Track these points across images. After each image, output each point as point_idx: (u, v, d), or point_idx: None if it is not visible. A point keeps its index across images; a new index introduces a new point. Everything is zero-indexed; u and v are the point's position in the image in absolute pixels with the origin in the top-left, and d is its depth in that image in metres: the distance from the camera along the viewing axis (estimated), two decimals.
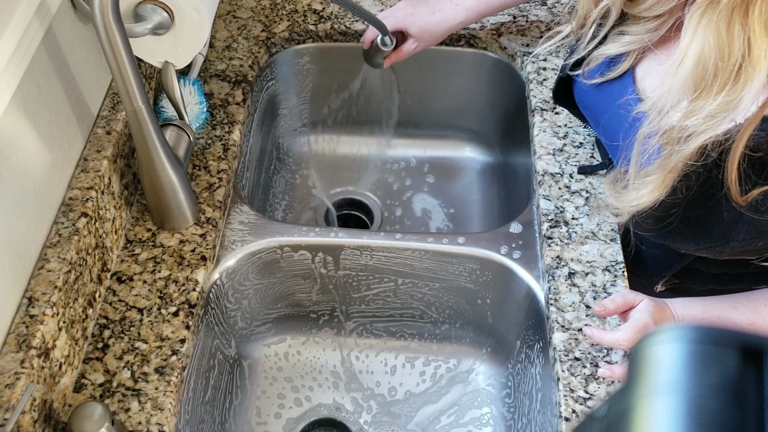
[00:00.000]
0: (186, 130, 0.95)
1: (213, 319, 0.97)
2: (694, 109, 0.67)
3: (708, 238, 0.79)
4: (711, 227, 0.78)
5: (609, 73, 0.86)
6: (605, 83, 0.87)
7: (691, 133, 0.68)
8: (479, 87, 1.29)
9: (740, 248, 0.77)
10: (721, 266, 0.91)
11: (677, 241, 0.82)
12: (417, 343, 1.13)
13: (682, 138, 0.69)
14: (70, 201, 0.83)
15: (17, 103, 0.72)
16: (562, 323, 0.88)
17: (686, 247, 0.83)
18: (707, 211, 0.77)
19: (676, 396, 0.26)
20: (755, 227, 0.74)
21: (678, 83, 0.68)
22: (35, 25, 0.74)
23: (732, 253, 0.79)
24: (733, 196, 0.71)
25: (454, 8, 1.10)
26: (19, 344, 0.71)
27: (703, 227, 0.79)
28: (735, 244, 0.77)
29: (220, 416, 1.01)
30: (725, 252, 0.79)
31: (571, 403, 0.82)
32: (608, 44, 0.84)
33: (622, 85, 0.85)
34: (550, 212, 0.98)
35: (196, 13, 0.87)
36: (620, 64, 0.84)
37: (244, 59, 1.16)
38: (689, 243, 0.81)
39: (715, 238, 0.78)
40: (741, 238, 0.76)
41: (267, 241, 1.00)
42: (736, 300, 0.83)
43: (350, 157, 1.36)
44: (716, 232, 0.78)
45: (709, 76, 0.66)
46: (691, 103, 0.68)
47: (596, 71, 0.87)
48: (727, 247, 0.78)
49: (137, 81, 0.78)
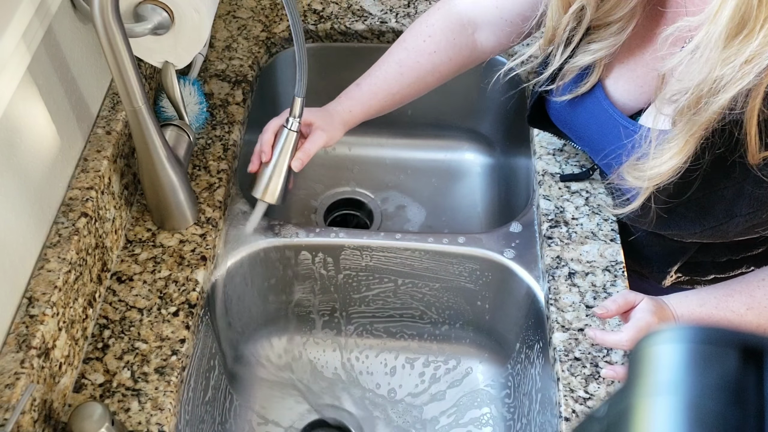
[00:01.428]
0: (186, 130, 0.95)
1: (213, 320, 0.97)
2: (729, 56, 0.64)
3: (712, 217, 0.78)
4: (714, 206, 0.77)
5: (578, 88, 0.86)
6: (577, 98, 0.87)
7: (726, 83, 0.65)
8: (479, 87, 1.29)
9: (745, 224, 0.77)
10: (726, 252, 0.90)
11: (682, 227, 0.82)
12: (417, 344, 1.13)
13: (712, 90, 0.66)
14: (70, 201, 0.83)
15: (17, 103, 0.72)
16: (562, 323, 0.88)
17: (691, 232, 0.82)
18: (714, 188, 0.76)
19: (676, 396, 0.26)
20: (757, 199, 0.74)
21: (718, 30, 0.64)
22: (35, 25, 0.74)
23: (737, 231, 0.78)
24: (750, 153, 0.69)
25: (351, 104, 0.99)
26: (19, 344, 0.71)
27: (705, 208, 0.78)
28: (740, 219, 0.76)
29: (220, 416, 1.01)
30: (731, 231, 0.78)
31: (571, 403, 0.82)
32: (578, 56, 0.84)
33: (594, 97, 0.86)
34: (550, 212, 0.98)
35: (196, 13, 0.87)
36: (588, 77, 0.85)
37: (244, 59, 1.16)
38: (694, 226, 0.81)
39: (719, 217, 0.78)
40: (744, 212, 0.75)
41: (267, 242, 1.00)
42: (730, 287, 0.83)
43: (350, 157, 1.36)
44: (719, 210, 0.77)
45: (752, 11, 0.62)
46: (725, 50, 0.64)
47: (566, 88, 0.88)
48: (732, 224, 0.77)
49: (137, 81, 0.78)
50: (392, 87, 0.98)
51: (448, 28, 0.97)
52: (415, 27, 0.99)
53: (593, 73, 0.85)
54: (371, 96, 0.98)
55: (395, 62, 0.98)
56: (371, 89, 0.97)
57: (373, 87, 0.98)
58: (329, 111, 0.97)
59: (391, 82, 0.97)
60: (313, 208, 1.30)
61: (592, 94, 0.86)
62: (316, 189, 1.32)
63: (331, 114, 0.97)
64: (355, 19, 1.24)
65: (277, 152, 0.92)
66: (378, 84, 0.98)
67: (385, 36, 1.23)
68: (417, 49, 0.97)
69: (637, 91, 0.84)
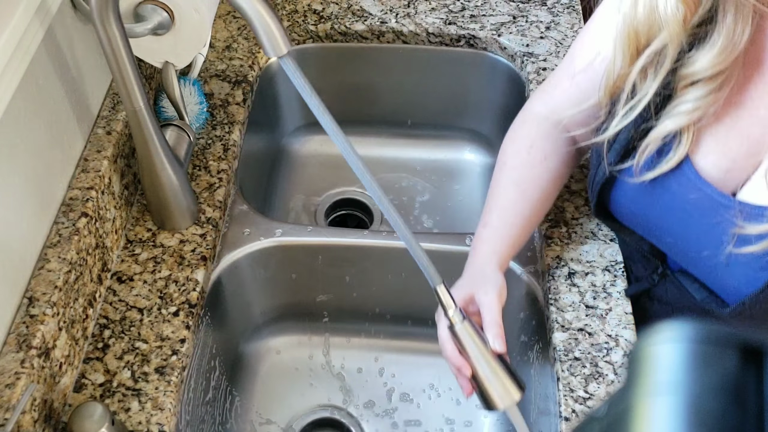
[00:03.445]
0: (186, 130, 0.95)
1: (213, 319, 0.97)
2: None
3: None
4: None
5: (661, 164, 0.71)
6: (658, 178, 0.72)
7: None
8: (479, 87, 1.29)
9: None
10: None
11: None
12: (418, 344, 1.13)
13: None
14: (71, 201, 0.83)
15: (17, 103, 0.72)
16: (561, 323, 0.88)
17: None
18: None
19: (676, 396, 0.26)
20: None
21: None
22: (35, 25, 0.74)
23: None
24: None
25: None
26: (19, 344, 0.72)
27: None
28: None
29: (220, 416, 1.01)
30: None
31: (570, 403, 0.82)
32: (664, 121, 0.68)
33: (681, 174, 0.71)
34: (549, 212, 0.98)
35: (197, 13, 0.87)
36: (675, 149, 0.69)
37: (244, 59, 1.16)
38: None
39: None
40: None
41: (267, 241, 1.00)
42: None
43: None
44: None
45: None
46: None
47: (647, 165, 0.72)
48: None
49: (137, 81, 0.78)
50: (523, 210, 0.84)
51: (546, 132, 0.85)
52: (509, 146, 0.87)
53: (681, 143, 0.69)
54: (506, 227, 0.83)
55: (512, 184, 0.85)
56: (501, 221, 0.83)
57: (503, 218, 0.84)
58: (474, 272, 0.82)
59: (519, 206, 0.84)
60: (313, 208, 1.30)
61: (680, 171, 0.70)
62: (316, 189, 1.32)
63: (477, 272, 0.82)
64: (355, 19, 1.24)
65: (472, 354, 0.74)
66: (507, 213, 0.84)
67: (385, 36, 1.23)
68: (527, 163, 0.85)
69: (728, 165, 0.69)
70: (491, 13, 1.24)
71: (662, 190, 0.72)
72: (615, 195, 0.79)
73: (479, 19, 1.23)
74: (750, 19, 0.63)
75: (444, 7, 1.25)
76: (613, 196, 0.80)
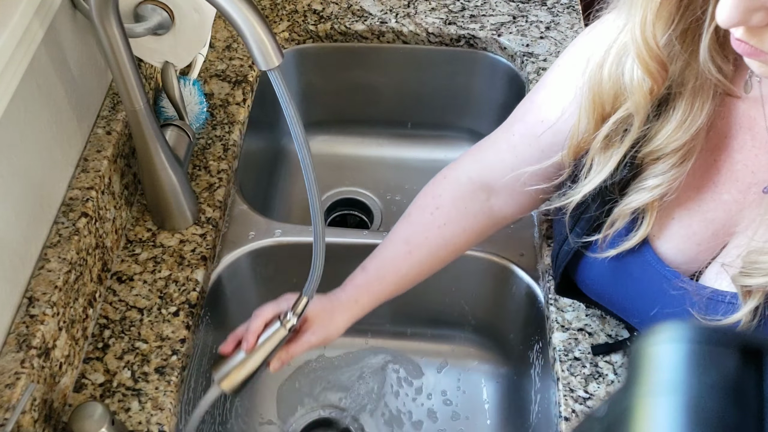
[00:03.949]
0: (186, 130, 0.95)
1: (213, 319, 0.97)
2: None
3: None
4: None
5: (624, 242, 0.69)
6: (621, 262, 0.71)
7: None
8: (479, 87, 1.29)
9: None
10: None
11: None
12: (416, 343, 1.13)
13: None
14: (71, 201, 0.83)
15: (17, 103, 0.72)
16: (561, 323, 0.88)
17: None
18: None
19: (676, 396, 0.26)
20: None
21: None
22: (35, 25, 0.74)
23: None
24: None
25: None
26: (19, 344, 0.72)
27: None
28: None
29: (220, 416, 1.01)
30: None
31: (570, 403, 0.82)
32: (630, 195, 0.67)
33: (641, 255, 0.70)
34: (550, 212, 0.98)
35: (197, 13, 0.87)
36: (637, 230, 0.68)
37: (244, 59, 1.16)
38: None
39: None
40: None
41: (267, 241, 1.00)
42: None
43: (350, 157, 1.36)
44: None
45: None
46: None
47: (614, 241, 0.70)
48: None
49: (137, 81, 0.78)
50: (401, 268, 0.85)
51: (458, 197, 0.84)
52: (419, 199, 0.87)
53: (643, 224, 0.68)
54: (379, 280, 0.85)
55: (401, 240, 0.85)
56: (378, 273, 0.85)
57: (381, 270, 0.85)
58: (332, 303, 0.84)
59: (400, 263, 0.85)
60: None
61: (640, 255, 0.70)
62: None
63: (333, 307, 0.84)
64: (355, 19, 1.24)
65: (260, 345, 0.80)
66: (385, 266, 0.85)
67: (385, 36, 1.23)
68: (424, 224, 0.85)
69: (693, 249, 0.69)
70: (491, 13, 1.24)
71: (625, 274, 0.72)
72: (581, 271, 0.78)
73: (479, 19, 1.23)
74: (710, 96, 0.61)
75: (444, 7, 1.25)
76: (579, 272, 0.78)
